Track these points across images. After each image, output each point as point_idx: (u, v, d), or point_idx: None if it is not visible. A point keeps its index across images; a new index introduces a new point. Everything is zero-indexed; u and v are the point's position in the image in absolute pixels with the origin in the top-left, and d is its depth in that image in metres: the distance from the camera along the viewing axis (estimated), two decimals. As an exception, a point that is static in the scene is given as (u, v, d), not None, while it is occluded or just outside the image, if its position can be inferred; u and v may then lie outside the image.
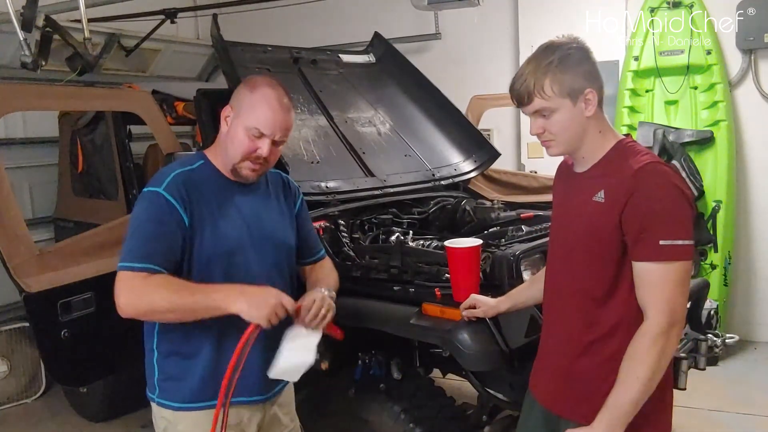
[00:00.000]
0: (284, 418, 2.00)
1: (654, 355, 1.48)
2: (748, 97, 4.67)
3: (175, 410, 1.81)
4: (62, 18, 3.86)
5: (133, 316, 1.67)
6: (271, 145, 1.78)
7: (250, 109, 1.77)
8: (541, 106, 1.57)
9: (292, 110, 1.84)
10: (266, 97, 1.77)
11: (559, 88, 1.55)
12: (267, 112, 1.76)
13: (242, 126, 1.76)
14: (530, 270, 2.33)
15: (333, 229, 2.81)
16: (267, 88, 1.79)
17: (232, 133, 1.78)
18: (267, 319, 1.64)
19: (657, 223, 1.48)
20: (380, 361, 2.50)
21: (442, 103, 3.86)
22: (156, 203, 1.72)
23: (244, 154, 1.77)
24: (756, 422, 3.63)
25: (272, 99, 1.77)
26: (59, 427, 4.01)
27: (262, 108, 1.76)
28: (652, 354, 1.48)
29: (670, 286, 1.49)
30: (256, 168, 1.80)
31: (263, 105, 1.76)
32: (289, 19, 5.93)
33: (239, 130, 1.77)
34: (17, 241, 2.39)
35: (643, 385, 1.48)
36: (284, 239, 1.93)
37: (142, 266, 1.65)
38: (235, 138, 1.77)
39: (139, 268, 1.65)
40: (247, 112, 1.77)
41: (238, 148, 1.77)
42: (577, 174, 1.69)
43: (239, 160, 1.78)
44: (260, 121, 1.75)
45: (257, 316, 1.63)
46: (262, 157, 1.77)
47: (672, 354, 1.51)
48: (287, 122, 1.81)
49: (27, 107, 3.22)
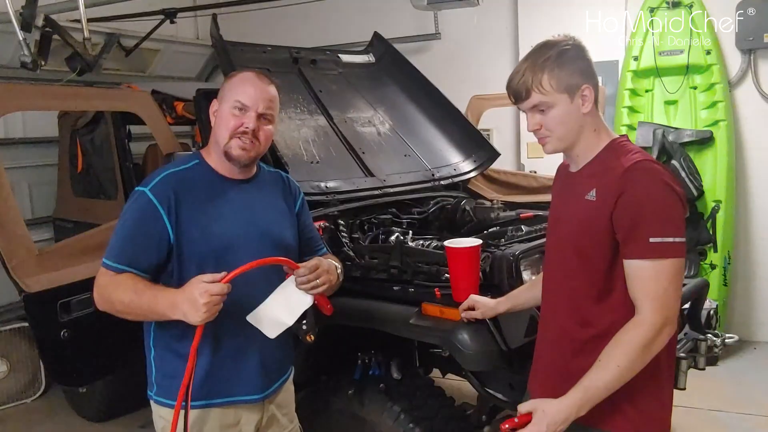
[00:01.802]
0: (283, 419, 2.00)
1: (639, 349, 1.47)
2: (747, 97, 4.68)
3: (172, 408, 1.80)
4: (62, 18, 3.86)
5: (104, 310, 1.76)
6: (257, 119, 1.80)
7: (230, 91, 1.83)
8: (539, 100, 1.58)
9: (273, 84, 1.87)
10: (243, 75, 1.85)
11: (557, 84, 1.56)
12: (245, 86, 1.82)
13: (226, 107, 1.81)
14: (530, 270, 2.33)
15: (333, 229, 2.81)
16: (245, 72, 1.88)
17: (218, 119, 1.83)
18: (207, 316, 1.61)
19: (647, 220, 1.48)
20: (380, 361, 2.50)
21: (441, 103, 3.86)
22: (139, 203, 1.76)
23: (231, 131, 1.79)
24: (756, 422, 3.63)
25: (249, 74, 1.85)
26: (59, 427, 4.01)
27: (240, 84, 1.83)
28: (637, 346, 1.47)
29: (662, 284, 1.49)
30: (245, 146, 1.80)
31: (241, 82, 1.83)
32: (289, 19, 5.93)
33: (224, 112, 1.82)
34: (17, 241, 2.39)
35: (620, 374, 1.47)
36: (282, 237, 1.93)
37: (114, 265, 1.73)
38: (221, 121, 1.82)
39: (110, 266, 1.73)
40: (228, 94, 1.82)
41: (224, 127, 1.80)
42: (572, 173, 1.70)
43: (227, 139, 1.80)
44: (240, 94, 1.80)
45: (198, 318, 1.60)
46: (249, 130, 1.79)
47: (658, 351, 1.50)
48: (268, 92, 1.84)
49: (27, 107, 3.22)
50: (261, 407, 1.91)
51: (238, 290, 1.65)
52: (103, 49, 4.93)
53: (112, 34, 5.00)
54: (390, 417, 2.31)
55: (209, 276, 1.62)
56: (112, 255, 1.75)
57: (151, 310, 1.68)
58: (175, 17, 5.01)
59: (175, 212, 1.74)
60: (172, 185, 1.77)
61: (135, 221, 1.76)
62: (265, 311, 1.76)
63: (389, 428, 2.31)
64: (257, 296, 1.76)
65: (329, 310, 1.86)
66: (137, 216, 1.76)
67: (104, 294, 1.74)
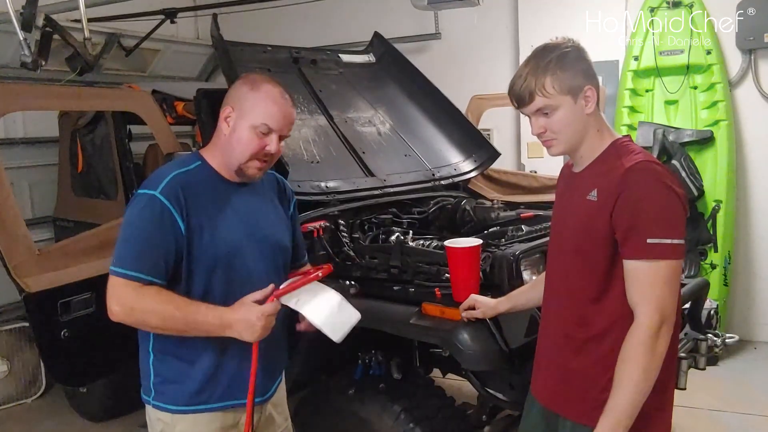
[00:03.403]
0: (278, 417, 2.00)
1: (645, 356, 1.48)
2: (748, 97, 4.67)
3: (173, 413, 1.79)
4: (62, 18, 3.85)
5: (123, 322, 1.68)
6: (278, 141, 1.78)
7: (254, 107, 1.75)
8: (543, 104, 1.58)
9: (293, 103, 1.84)
10: (270, 94, 1.77)
11: (560, 86, 1.56)
12: (273, 108, 1.75)
13: (248, 125, 1.74)
14: (530, 270, 2.33)
15: (333, 229, 2.81)
16: (268, 85, 1.78)
17: (238, 134, 1.75)
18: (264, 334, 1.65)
19: (645, 221, 1.48)
20: (380, 360, 2.50)
21: (442, 103, 3.86)
22: (152, 207, 1.68)
23: (253, 153, 1.75)
24: (756, 422, 3.63)
25: (276, 95, 1.77)
26: (59, 427, 4.00)
27: (267, 104, 1.75)
28: (643, 354, 1.48)
29: (658, 285, 1.49)
30: (262, 166, 1.79)
31: (268, 101, 1.75)
32: (289, 19, 5.93)
33: (244, 130, 1.74)
34: (17, 241, 2.39)
35: (637, 386, 1.48)
36: (281, 240, 1.92)
37: (136, 275, 1.64)
38: (242, 138, 1.75)
39: (132, 277, 1.64)
40: (252, 111, 1.75)
41: (246, 147, 1.74)
42: (575, 173, 1.71)
43: (247, 160, 1.75)
44: (267, 117, 1.74)
45: (255, 337, 1.65)
46: (270, 153, 1.77)
47: (664, 351, 1.51)
48: (292, 116, 1.81)
49: (27, 107, 3.22)
50: (260, 408, 1.91)
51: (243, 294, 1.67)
52: (103, 49, 4.93)
53: (112, 34, 5.00)
54: (390, 417, 2.31)
55: (259, 294, 1.66)
56: (128, 263, 1.65)
57: (193, 327, 1.65)
58: (175, 17, 5.00)
59: (187, 216, 1.70)
60: (181, 187, 1.71)
61: (153, 227, 1.66)
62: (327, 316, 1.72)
63: (389, 428, 2.31)
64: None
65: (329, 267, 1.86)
66: (153, 221, 1.67)
67: (133, 308, 1.64)
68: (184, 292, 1.70)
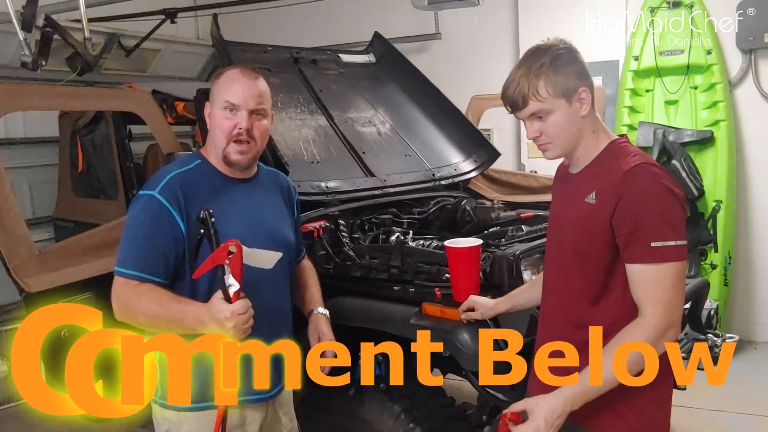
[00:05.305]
0: (284, 418, 2.00)
1: (643, 351, 1.47)
2: (748, 97, 4.68)
3: (179, 411, 1.80)
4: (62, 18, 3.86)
5: (123, 321, 1.69)
6: (249, 117, 1.78)
7: (218, 91, 1.81)
8: (537, 108, 1.56)
9: (261, 77, 1.85)
10: (229, 74, 1.82)
11: (554, 89, 1.54)
12: (233, 85, 1.79)
13: (217, 109, 1.80)
14: (530, 270, 2.33)
15: (333, 229, 2.81)
16: (229, 69, 1.84)
17: (212, 122, 1.82)
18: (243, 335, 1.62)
19: (647, 224, 1.48)
20: (380, 361, 2.49)
21: (442, 103, 3.86)
22: (150, 207, 1.71)
23: (226, 134, 1.78)
24: (756, 422, 3.63)
25: (236, 73, 1.82)
26: (59, 427, 4.00)
27: (227, 83, 1.80)
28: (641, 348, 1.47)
29: (666, 288, 1.48)
30: (243, 149, 1.79)
31: (228, 80, 1.81)
32: (289, 19, 5.94)
33: (216, 115, 1.80)
34: (17, 241, 2.38)
35: (621, 373, 1.47)
36: (285, 236, 1.93)
37: (134, 274, 1.68)
38: (215, 124, 1.80)
39: (130, 275, 1.68)
40: (217, 95, 1.80)
41: (219, 130, 1.79)
42: (572, 175, 1.69)
43: (225, 144, 1.79)
44: (228, 94, 1.78)
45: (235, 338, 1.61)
46: (243, 130, 1.77)
47: (660, 354, 1.50)
48: (256, 87, 1.81)
49: (27, 107, 3.21)
50: (266, 406, 1.91)
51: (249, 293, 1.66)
52: (103, 49, 4.92)
53: (112, 34, 4.99)
54: (390, 417, 2.31)
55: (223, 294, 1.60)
56: (128, 263, 1.69)
57: (178, 324, 1.65)
58: (175, 17, 5.01)
59: (187, 214, 1.71)
60: (180, 186, 1.74)
61: (152, 227, 1.70)
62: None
63: (389, 428, 2.31)
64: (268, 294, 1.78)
65: None
66: (152, 221, 1.70)
67: (126, 306, 1.68)
68: (188, 290, 1.71)
